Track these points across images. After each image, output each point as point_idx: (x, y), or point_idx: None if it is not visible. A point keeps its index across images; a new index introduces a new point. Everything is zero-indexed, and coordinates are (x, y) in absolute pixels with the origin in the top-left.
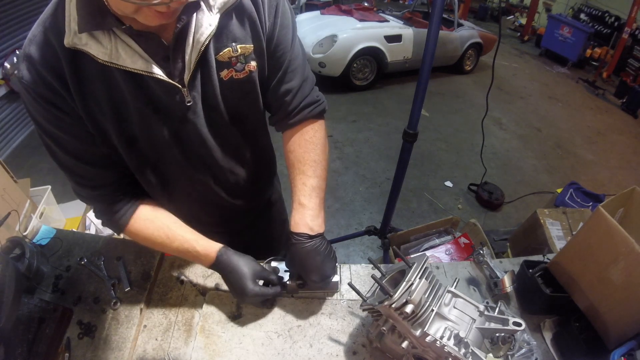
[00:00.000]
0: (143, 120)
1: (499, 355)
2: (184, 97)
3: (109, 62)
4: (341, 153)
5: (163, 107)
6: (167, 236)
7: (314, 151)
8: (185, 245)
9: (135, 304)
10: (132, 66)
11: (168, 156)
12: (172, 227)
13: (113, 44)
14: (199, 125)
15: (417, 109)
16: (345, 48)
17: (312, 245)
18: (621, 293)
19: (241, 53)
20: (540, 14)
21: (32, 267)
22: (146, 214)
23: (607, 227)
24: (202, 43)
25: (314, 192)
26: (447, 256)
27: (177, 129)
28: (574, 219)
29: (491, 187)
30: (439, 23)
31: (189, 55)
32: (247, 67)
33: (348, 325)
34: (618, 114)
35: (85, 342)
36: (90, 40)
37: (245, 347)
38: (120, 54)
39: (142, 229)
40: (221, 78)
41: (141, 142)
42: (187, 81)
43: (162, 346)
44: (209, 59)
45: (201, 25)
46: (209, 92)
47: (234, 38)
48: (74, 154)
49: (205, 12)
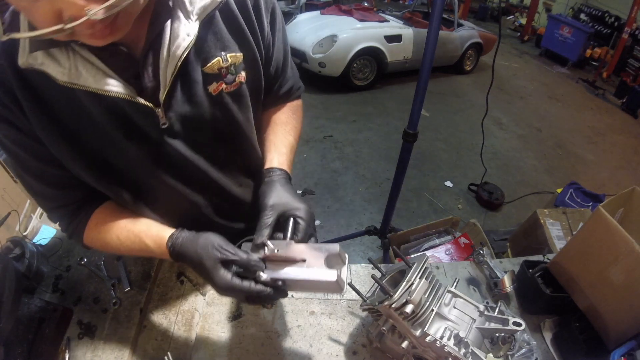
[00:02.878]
0: (114, 145)
1: (499, 355)
2: (158, 119)
3: (69, 83)
4: (341, 153)
5: (136, 130)
6: (118, 237)
7: (290, 124)
8: (137, 242)
9: (135, 304)
10: (95, 86)
11: (147, 179)
12: (122, 225)
13: (72, 62)
14: (179, 147)
15: (417, 109)
16: (345, 48)
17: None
18: (621, 293)
19: (231, 63)
20: (540, 14)
21: (32, 267)
22: (99, 218)
23: (607, 227)
24: (179, 57)
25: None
26: (447, 256)
27: (155, 152)
28: (574, 219)
29: (491, 187)
30: (439, 23)
31: (164, 70)
32: (238, 78)
33: (348, 325)
34: (618, 114)
35: (85, 342)
36: (46, 59)
37: (245, 347)
38: (81, 73)
39: (95, 236)
40: (209, 93)
41: (114, 167)
42: (162, 100)
43: (162, 346)
44: (192, 73)
45: (177, 36)
46: (193, 111)
47: (222, 46)
48: (35, 174)
49: (182, 20)
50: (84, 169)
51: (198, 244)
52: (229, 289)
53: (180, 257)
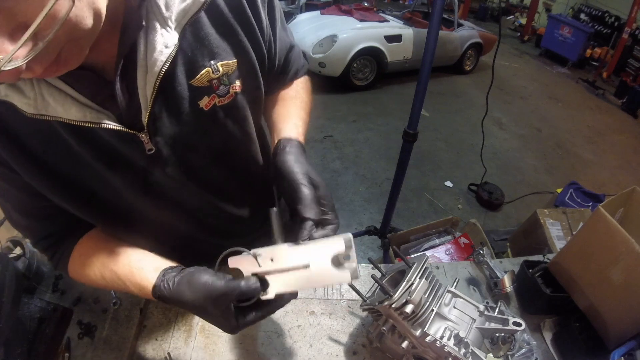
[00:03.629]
0: (96, 176)
1: (499, 355)
2: (143, 145)
3: (37, 115)
4: (341, 153)
5: (119, 159)
6: (103, 277)
7: (300, 97)
8: (122, 286)
9: (135, 304)
10: (66, 116)
11: (134, 207)
12: (106, 263)
13: (37, 91)
14: (170, 174)
15: (417, 109)
16: (345, 48)
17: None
18: (621, 293)
19: (223, 72)
20: (540, 14)
21: (32, 267)
22: (82, 250)
23: (607, 227)
24: (157, 73)
25: (296, 118)
26: (447, 256)
27: (142, 181)
28: (574, 219)
29: (491, 187)
30: (439, 23)
31: (142, 90)
32: (232, 89)
33: (348, 325)
34: (618, 114)
35: (85, 342)
36: (10, 90)
37: (245, 347)
38: (49, 102)
39: (80, 271)
40: (201, 109)
41: (98, 196)
42: (145, 124)
43: (162, 346)
44: (178, 89)
45: (154, 49)
46: (183, 132)
47: (211, 54)
48: (16, 205)
49: (157, 30)
50: (65, 200)
51: (189, 292)
52: (247, 325)
53: (171, 303)
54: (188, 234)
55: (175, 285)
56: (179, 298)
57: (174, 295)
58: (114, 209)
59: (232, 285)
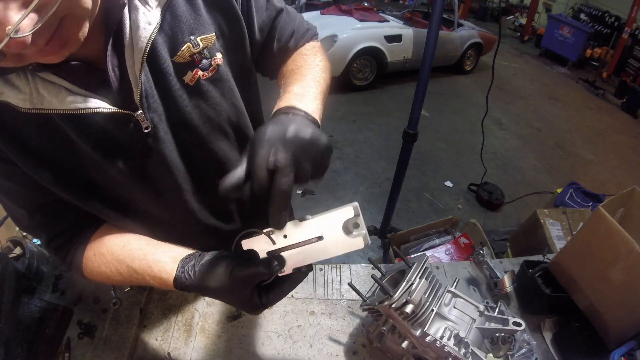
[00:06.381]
0: (95, 165)
1: (499, 355)
2: (139, 123)
3: (34, 109)
4: (341, 153)
5: (116, 144)
6: (119, 272)
7: (313, 60)
8: (142, 280)
9: (135, 304)
10: (61, 107)
11: (135, 193)
12: (121, 259)
13: (32, 86)
14: (167, 151)
15: (417, 109)
16: (345, 48)
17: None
18: (621, 293)
19: (204, 46)
20: (540, 14)
21: (32, 267)
22: (94, 248)
23: (607, 227)
24: (143, 50)
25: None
26: (447, 256)
27: (141, 165)
28: (574, 219)
29: (491, 187)
30: (439, 23)
31: (131, 68)
32: (214, 62)
33: (348, 325)
34: (618, 114)
35: (85, 342)
36: (5, 87)
37: (245, 347)
38: (44, 96)
39: (96, 269)
40: (186, 84)
41: (100, 186)
42: (138, 102)
43: (162, 346)
44: (162, 64)
45: (137, 27)
46: (173, 107)
47: (190, 29)
48: (22, 203)
49: (139, 9)
50: (68, 191)
51: (211, 285)
52: (266, 306)
53: (193, 290)
54: (188, 217)
55: (197, 275)
56: (202, 287)
57: (196, 285)
58: (117, 198)
59: (253, 268)
